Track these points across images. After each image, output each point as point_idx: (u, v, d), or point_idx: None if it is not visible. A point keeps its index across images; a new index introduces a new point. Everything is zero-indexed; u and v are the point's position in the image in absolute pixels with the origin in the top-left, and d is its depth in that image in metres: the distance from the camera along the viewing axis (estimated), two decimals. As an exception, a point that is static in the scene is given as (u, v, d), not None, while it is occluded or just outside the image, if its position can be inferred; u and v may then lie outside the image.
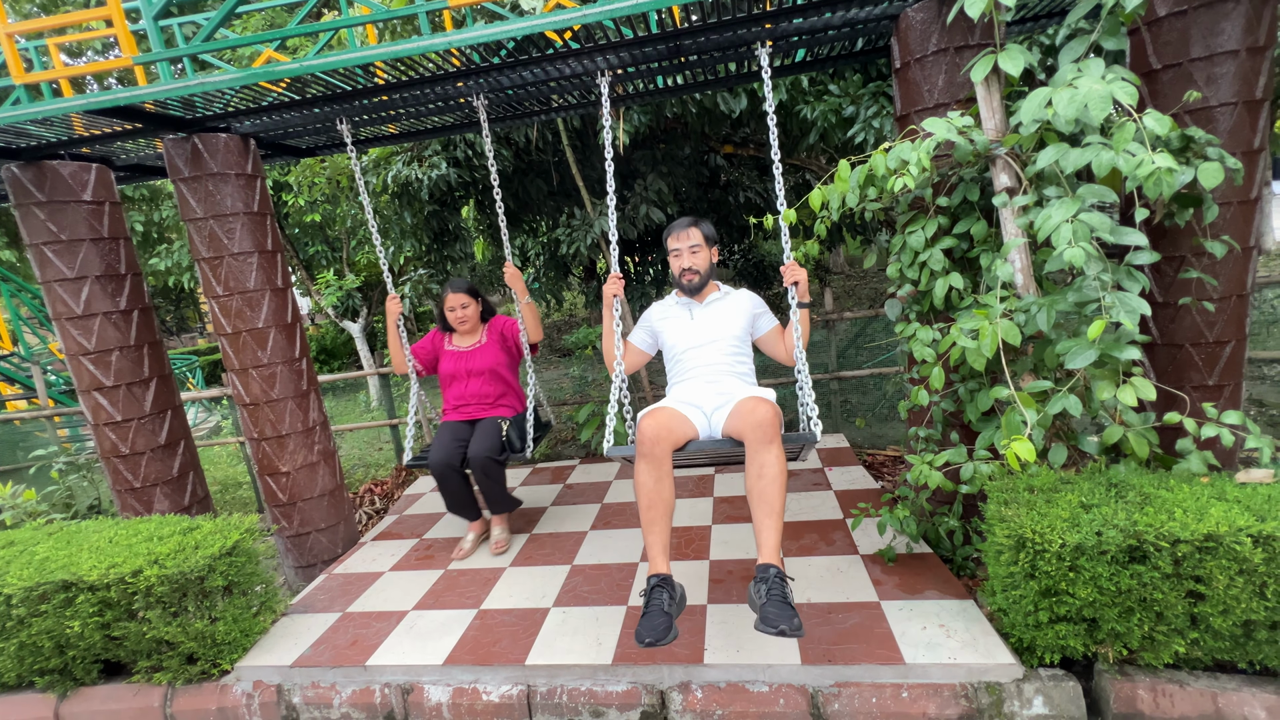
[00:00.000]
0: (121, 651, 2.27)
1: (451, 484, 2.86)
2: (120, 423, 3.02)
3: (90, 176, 2.95)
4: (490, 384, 3.03)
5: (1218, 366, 2.24)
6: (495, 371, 3.03)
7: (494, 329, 3.09)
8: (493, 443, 2.82)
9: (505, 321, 3.12)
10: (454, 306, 3.01)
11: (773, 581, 1.61)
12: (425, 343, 3.13)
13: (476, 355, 3.03)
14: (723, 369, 2.18)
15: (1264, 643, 1.63)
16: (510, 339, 3.08)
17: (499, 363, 3.04)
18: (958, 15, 2.15)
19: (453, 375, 3.06)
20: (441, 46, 2.28)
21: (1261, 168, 2.16)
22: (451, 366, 3.05)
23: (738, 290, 2.36)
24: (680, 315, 2.29)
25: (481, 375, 3.02)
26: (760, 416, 1.80)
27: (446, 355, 3.08)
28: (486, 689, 2.09)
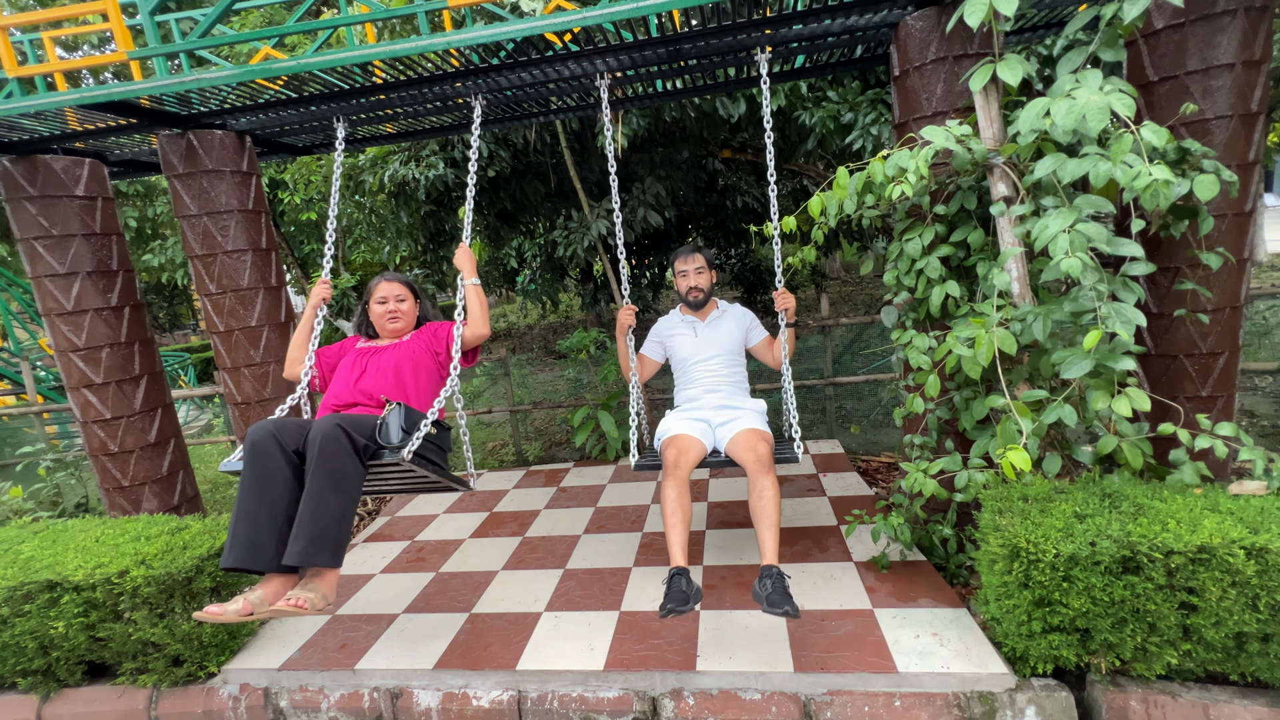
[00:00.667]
0: (106, 653, 2.24)
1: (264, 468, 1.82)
2: (109, 420, 2.99)
3: (83, 171, 2.92)
4: (391, 381, 2.17)
5: (1211, 378, 2.25)
6: (400, 370, 2.20)
7: (423, 332, 2.38)
8: (359, 422, 1.91)
9: (439, 326, 2.41)
10: (385, 297, 2.33)
11: (776, 578, 1.92)
12: (337, 347, 2.38)
13: (389, 349, 2.27)
14: (723, 378, 2.57)
15: (1256, 655, 1.63)
16: (440, 342, 2.33)
17: (415, 363, 2.24)
18: (957, 24, 2.16)
19: (347, 368, 2.24)
20: (440, 46, 2.27)
21: (1256, 180, 2.17)
22: (351, 360, 2.26)
23: (732, 306, 2.72)
24: (686, 332, 2.66)
25: (383, 367, 2.21)
26: (760, 453, 2.18)
27: (351, 353, 2.31)
28: (477, 694, 2.07)
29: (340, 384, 2.20)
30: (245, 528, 1.77)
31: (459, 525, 3.38)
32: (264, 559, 1.76)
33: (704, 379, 2.56)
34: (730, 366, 2.58)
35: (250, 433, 1.86)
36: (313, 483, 1.77)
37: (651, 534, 2.99)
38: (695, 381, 2.58)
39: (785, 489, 3.31)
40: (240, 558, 1.75)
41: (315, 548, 1.74)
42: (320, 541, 1.75)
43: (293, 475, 1.85)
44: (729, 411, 2.47)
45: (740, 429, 2.33)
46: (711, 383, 2.55)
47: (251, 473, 1.82)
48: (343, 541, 1.82)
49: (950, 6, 2.19)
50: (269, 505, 1.79)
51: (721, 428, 2.43)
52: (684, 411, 2.52)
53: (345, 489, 1.81)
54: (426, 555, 3.04)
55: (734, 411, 2.46)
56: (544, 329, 11.71)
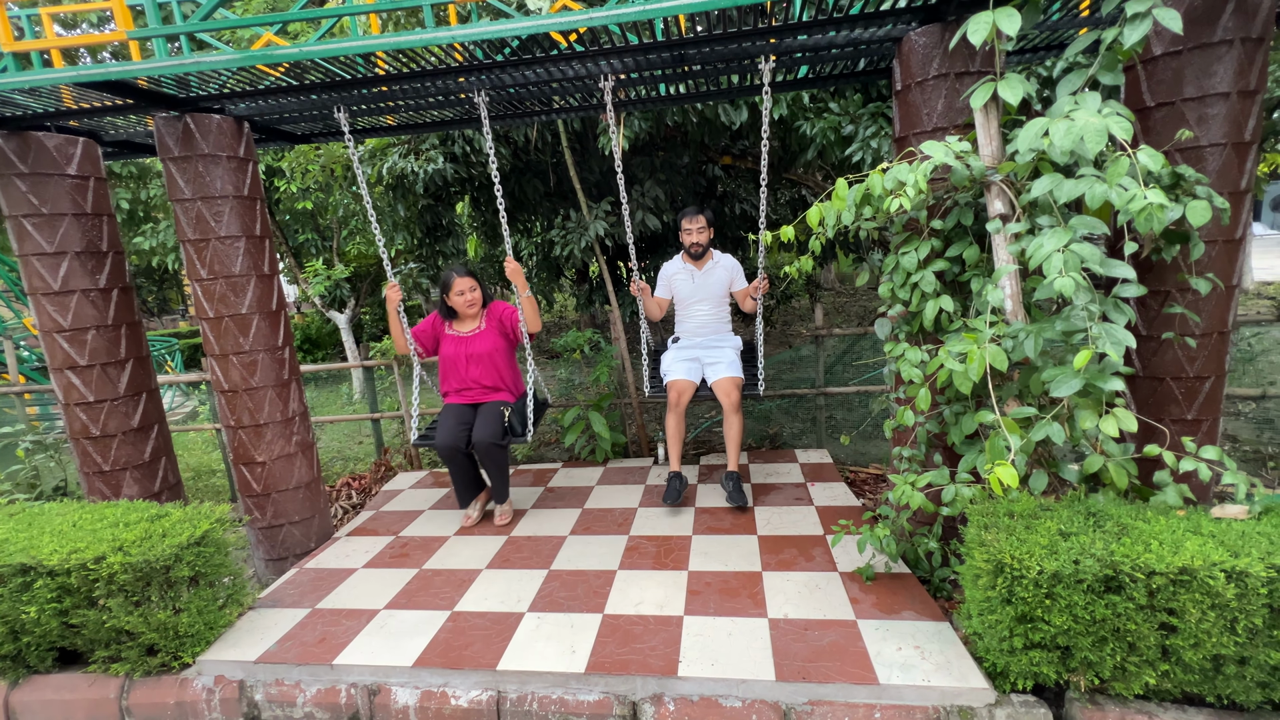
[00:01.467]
0: (79, 640, 2.20)
1: (458, 464, 3.14)
2: (92, 403, 2.95)
3: (76, 150, 2.88)
4: (489, 369, 3.19)
5: (1197, 401, 2.28)
6: (494, 357, 3.19)
7: (492, 315, 3.23)
8: (495, 429, 3.02)
9: (503, 308, 3.24)
10: (462, 290, 3.15)
11: (735, 479, 3.18)
12: (425, 325, 3.25)
13: (476, 340, 3.18)
14: (711, 315, 3.41)
15: (1232, 677, 1.65)
16: (508, 325, 3.21)
17: (497, 348, 3.20)
18: (959, 42, 2.18)
19: (453, 360, 3.20)
20: (445, 40, 2.26)
21: (1246, 209, 2.21)
22: (452, 350, 3.19)
23: (724, 257, 3.45)
24: (685, 277, 3.42)
25: (481, 360, 3.17)
26: (733, 398, 3.14)
27: (447, 339, 3.21)
28: (456, 693, 2.05)
29: (454, 374, 3.23)
30: (462, 490, 3.27)
31: (444, 521, 3.35)
32: (472, 497, 3.30)
33: (696, 316, 3.42)
34: (717, 308, 3.41)
35: (441, 450, 3.09)
36: (488, 469, 3.18)
37: (638, 537, 2.98)
38: (691, 317, 3.43)
39: (773, 497, 3.33)
40: (465, 501, 3.30)
41: (500, 495, 3.26)
42: (501, 492, 3.25)
43: (468, 458, 3.21)
44: (714, 351, 3.34)
45: (721, 375, 3.18)
46: (702, 320, 3.41)
47: (452, 467, 3.18)
48: (508, 485, 3.26)
49: (954, 23, 2.21)
50: (465, 475, 3.23)
51: (709, 367, 3.29)
52: (680, 348, 3.40)
53: (502, 464, 3.18)
54: (410, 551, 3.02)
55: (718, 352, 3.34)
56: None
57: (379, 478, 4.32)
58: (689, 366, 3.27)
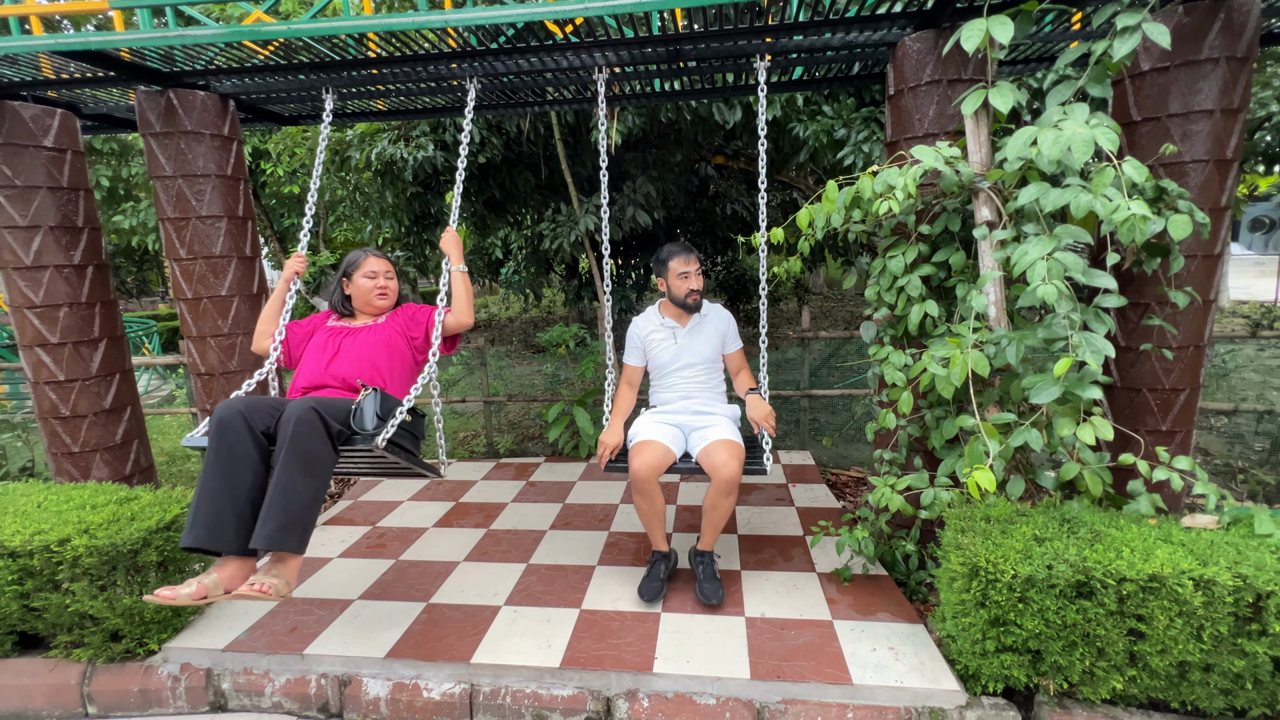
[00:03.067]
0: (40, 624, 2.14)
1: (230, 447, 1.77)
2: (63, 382, 2.87)
3: (53, 122, 2.80)
4: (363, 364, 2.11)
5: (1172, 413, 2.32)
6: (374, 353, 2.15)
7: (399, 315, 2.32)
8: (333, 406, 1.88)
9: (416, 310, 2.35)
10: (375, 272, 2.27)
11: (707, 563, 2.41)
12: (307, 323, 2.30)
13: (363, 331, 2.21)
14: (700, 384, 2.57)
15: (1197, 684, 1.68)
16: (418, 330, 2.28)
17: (389, 345, 2.19)
18: (952, 49, 2.19)
19: (317, 350, 2.16)
20: (438, 24, 2.23)
21: (1225, 225, 2.25)
22: (323, 340, 2.19)
23: (714, 308, 2.63)
24: (666, 337, 2.58)
25: (357, 352, 2.14)
26: (727, 475, 2.23)
27: (322, 331, 2.23)
28: (428, 685, 2.02)
29: (312, 365, 2.13)
30: (208, 507, 1.72)
31: (423, 513, 3.32)
32: (225, 540, 1.72)
33: (681, 385, 2.56)
34: (708, 374, 2.57)
35: (218, 411, 1.79)
36: (283, 466, 1.72)
37: (618, 533, 2.97)
38: (672, 387, 2.57)
39: (754, 496, 3.33)
40: (200, 538, 1.71)
41: (284, 532, 1.69)
42: (289, 526, 1.70)
43: (259, 457, 1.81)
44: (704, 417, 2.50)
45: (713, 439, 2.33)
46: (688, 389, 2.56)
47: (217, 451, 1.76)
48: (310, 527, 1.77)
49: (948, 30, 2.23)
50: (233, 486, 1.75)
51: (695, 433, 2.46)
52: (658, 414, 2.54)
53: (316, 474, 1.77)
54: (387, 542, 2.98)
55: (708, 418, 2.49)
56: (525, 322, 11.62)
57: (358, 467, 4.26)
58: (669, 432, 2.44)
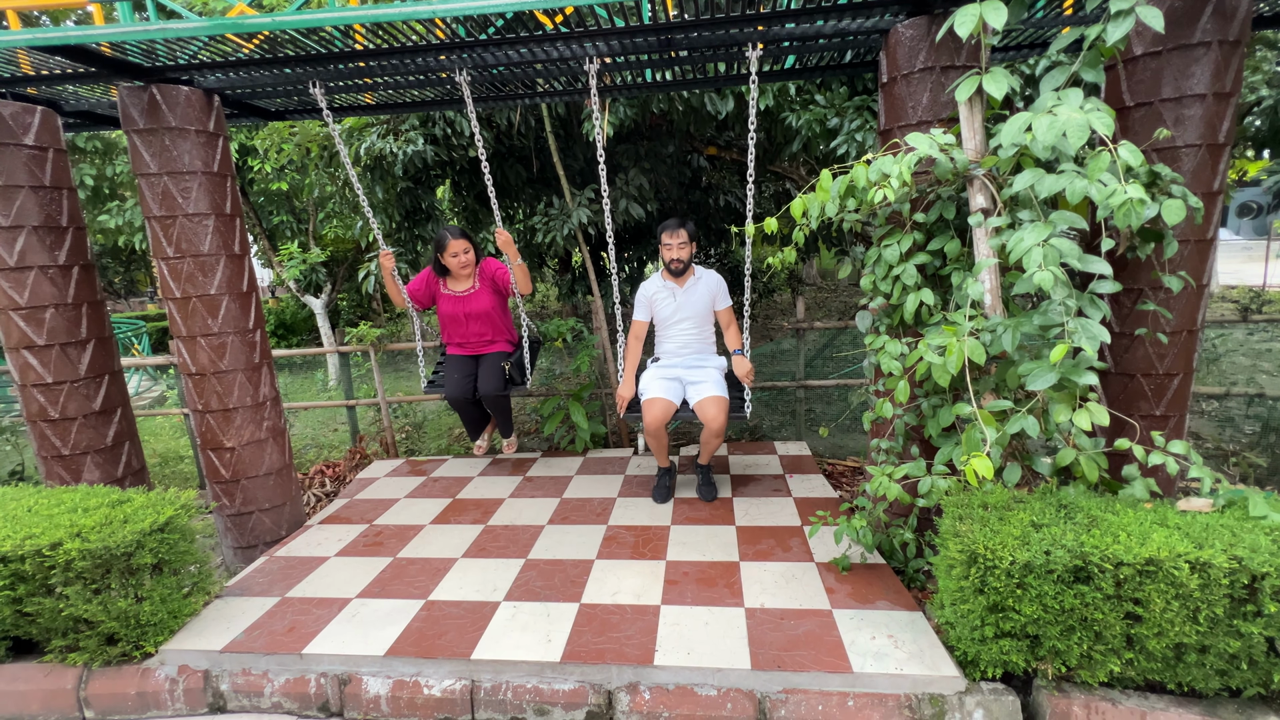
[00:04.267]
0: (34, 629, 2.12)
1: (466, 412, 3.58)
2: (51, 385, 2.83)
3: (34, 120, 2.75)
4: (486, 325, 3.46)
5: (1166, 397, 2.33)
6: (489, 315, 3.44)
7: (484, 275, 3.43)
8: (497, 381, 3.36)
9: (494, 265, 3.44)
10: (457, 252, 3.31)
11: (705, 471, 3.27)
12: (419, 284, 3.45)
13: (472, 299, 3.41)
14: (694, 336, 3.20)
15: (1193, 665, 1.69)
16: (501, 282, 3.42)
17: (492, 306, 3.44)
18: (945, 35, 2.18)
19: (452, 317, 3.46)
20: (426, 15, 2.19)
21: (1218, 210, 2.25)
22: (450, 309, 3.45)
23: (707, 273, 3.22)
24: (666, 296, 3.20)
25: (478, 318, 3.43)
26: (715, 426, 2.96)
27: (444, 298, 3.44)
28: (429, 682, 2.02)
29: (455, 329, 3.49)
30: (473, 430, 3.78)
31: (420, 510, 3.30)
32: (478, 435, 3.81)
33: (679, 336, 3.20)
34: (700, 327, 3.20)
35: (450, 401, 3.48)
36: (495, 414, 3.65)
37: (616, 527, 2.97)
38: (672, 338, 3.22)
39: (752, 488, 3.34)
40: (475, 437, 3.81)
41: (506, 431, 3.78)
42: (506, 428, 3.76)
43: (476, 405, 3.57)
44: (698, 371, 3.15)
45: (705, 395, 2.99)
46: (685, 340, 3.20)
47: (461, 411, 3.59)
48: (512, 423, 3.78)
49: (941, 16, 2.21)
50: (472, 417, 3.66)
51: (691, 386, 3.11)
52: (660, 368, 3.20)
53: (506, 407, 3.66)
54: (385, 540, 2.97)
55: (702, 371, 3.15)
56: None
57: (354, 465, 4.24)
58: (669, 386, 3.07)
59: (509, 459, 4.04)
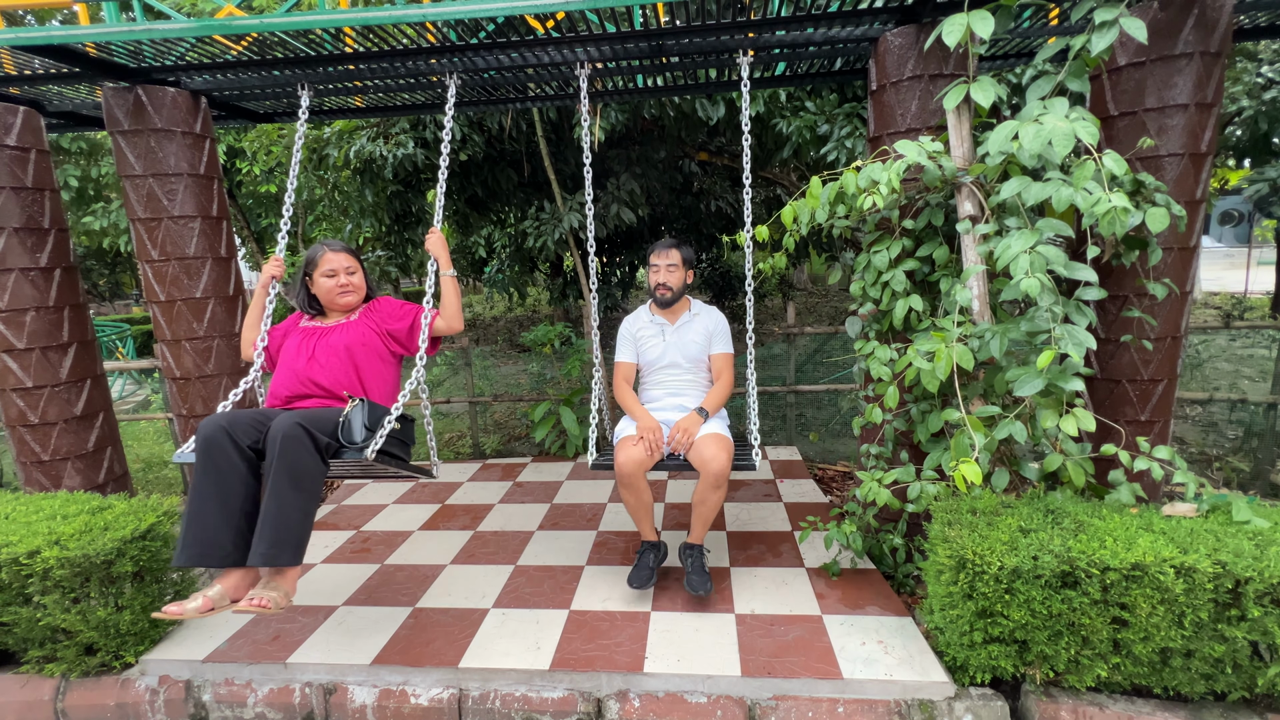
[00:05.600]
0: (10, 639, 2.07)
1: (217, 465, 1.75)
2: (30, 389, 2.78)
3: (16, 120, 2.71)
4: (342, 369, 2.06)
5: (1150, 403, 2.35)
6: (353, 354, 2.08)
7: (373, 311, 2.22)
8: (320, 418, 1.85)
9: (394, 305, 2.24)
10: (334, 270, 2.14)
11: (696, 556, 2.38)
12: (282, 327, 2.24)
13: (334, 330, 2.13)
14: (687, 383, 2.56)
15: (1179, 669, 1.71)
16: (397, 326, 2.19)
17: (364, 345, 2.11)
18: (934, 44, 2.20)
19: (293, 354, 2.09)
20: (416, 19, 2.19)
21: (1201, 218, 2.28)
22: (296, 342, 2.12)
23: (707, 309, 2.60)
24: (655, 334, 2.56)
25: (333, 356, 2.07)
26: (717, 467, 2.19)
27: (295, 333, 2.16)
28: (416, 691, 1.99)
29: (286, 372, 2.06)
30: (198, 526, 1.72)
31: (408, 516, 3.27)
32: (218, 556, 1.73)
33: (669, 382, 2.56)
34: (694, 373, 2.55)
35: (201, 429, 1.78)
36: (274, 484, 1.73)
37: (606, 533, 2.95)
38: (660, 384, 2.57)
39: (742, 493, 3.33)
40: (194, 557, 1.71)
41: (278, 549, 1.71)
42: (283, 543, 1.72)
43: (248, 470, 1.80)
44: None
45: (703, 434, 2.29)
46: (676, 386, 2.55)
47: (204, 470, 1.76)
48: (305, 539, 1.79)
49: (929, 25, 2.23)
50: (223, 502, 1.75)
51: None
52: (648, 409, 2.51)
53: (307, 488, 1.77)
54: (372, 546, 2.94)
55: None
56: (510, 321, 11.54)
57: (341, 471, 4.19)
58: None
59: (499, 464, 4.01)
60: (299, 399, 2.04)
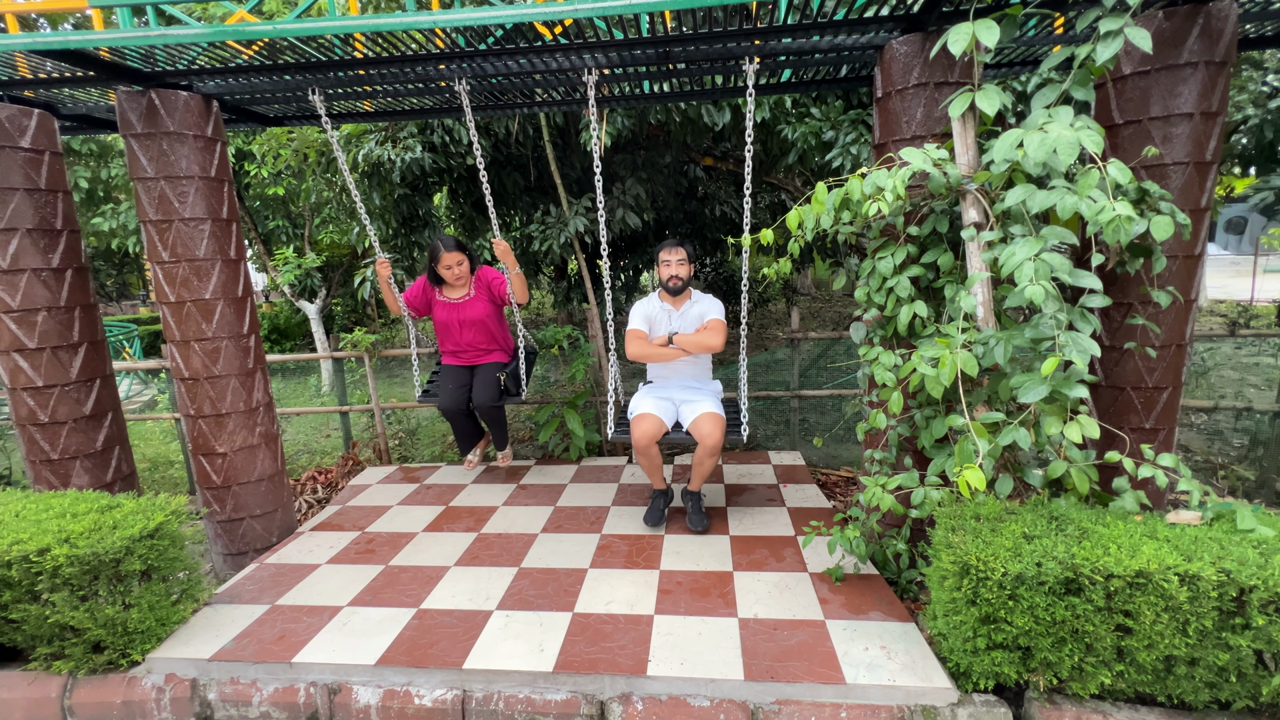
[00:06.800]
0: (19, 636, 2.09)
1: (459, 423, 3.53)
2: (41, 388, 2.81)
3: (30, 122, 2.74)
4: (481, 333, 3.43)
5: (1155, 411, 2.35)
6: (485, 323, 3.40)
7: (480, 283, 3.39)
8: (492, 391, 3.33)
9: (490, 274, 3.40)
10: (450, 264, 3.29)
11: (696, 499, 3.04)
12: (415, 291, 3.42)
13: (467, 307, 3.37)
14: (688, 360, 3.06)
15: (1182, 678, 1.70)
16: (496, 291, 3.38)
17: (487, 314, 3.40)
18: (939, 53, 2.21)
19: (446, 325, 3.42)
20: (426, 25, 2.21)
21: (1205, 226, 2.29)
22: (445, 316, 3.41)
23: (704, 297, 3.06)
24: (662, 317, 3.07)
25: (473, 326, 3.39)
26: (711, 443, 2.78)
27: (439, 305, 3.41)
28: (419, 692, 2.00)
29: (449, 338, 3.46)
30: (463, 442, 3.67)
31: (412, 518, 3.29)
32: (470, 448, 3.69)
33: (673, 361, 3.04)
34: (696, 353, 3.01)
35: (444, 411, 3.46)
36: (488, 424, 3.61)
37: (610, 536, 2.96)
38: (666, 364, 3.06)
39: (746, 497, 3.34)
40: (465, 449, 3.69)
41: (500, 443, 3.71)
42: (501, 440, 3.69)
43: (469, 416, 3.56)
44: (692, 392, 3.04)
45: (701, 411, 2.84)
46: (678, 364, 3.07)
47: (454, 424, 3.56)
48: (507, 434, 3.70)
49: (935, 34, 2.25)
50: (465, 429, 3.59)
51: (685, 405, 2.97)
52: (653, 390, 3.10)
53: (501, 419, 3.62)
54: (376, 547, 2.95)
55: (696, 393, 3.02)
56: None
57: (346, 472, 4.22)
58: (661, 405, 2.96)
59: (502, 467, 4.03)
60: (460, 353, 3.49)
